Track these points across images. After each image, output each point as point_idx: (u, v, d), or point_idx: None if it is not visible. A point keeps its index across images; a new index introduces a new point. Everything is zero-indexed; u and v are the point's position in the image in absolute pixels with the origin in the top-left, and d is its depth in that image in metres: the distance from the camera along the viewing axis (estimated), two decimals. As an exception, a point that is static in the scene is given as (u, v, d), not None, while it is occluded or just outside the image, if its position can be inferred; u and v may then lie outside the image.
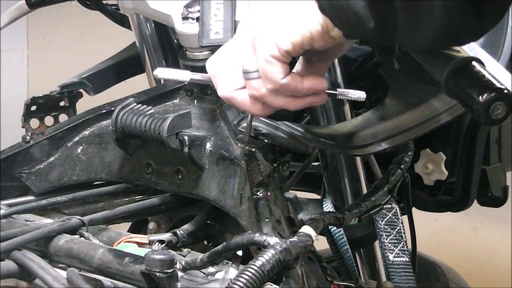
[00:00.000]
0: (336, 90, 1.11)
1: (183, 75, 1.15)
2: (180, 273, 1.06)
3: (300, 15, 1.00)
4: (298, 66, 1.07)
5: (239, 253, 1.14)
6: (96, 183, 1.36)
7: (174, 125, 1.17)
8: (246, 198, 1.18)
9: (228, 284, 1.00)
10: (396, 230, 1.33)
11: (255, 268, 1.00)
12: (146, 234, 1.24)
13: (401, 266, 1.33)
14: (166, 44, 1.47)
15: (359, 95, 1.11)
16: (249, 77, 1.05)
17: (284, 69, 1.02)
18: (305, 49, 1.01)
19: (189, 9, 1.21)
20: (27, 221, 1.24)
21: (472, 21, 0.90)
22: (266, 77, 1.03)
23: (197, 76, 1.15)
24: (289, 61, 1.02)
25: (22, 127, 1.40)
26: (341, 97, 1.12)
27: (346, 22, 0.96)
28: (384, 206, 1.31)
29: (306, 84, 1.05)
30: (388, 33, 0.94)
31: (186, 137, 1.18)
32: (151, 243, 1.18)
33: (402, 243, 1.33)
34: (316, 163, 1.45)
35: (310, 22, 0.99)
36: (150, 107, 1.24)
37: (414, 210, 1.43)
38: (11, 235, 1.16)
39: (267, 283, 1.02)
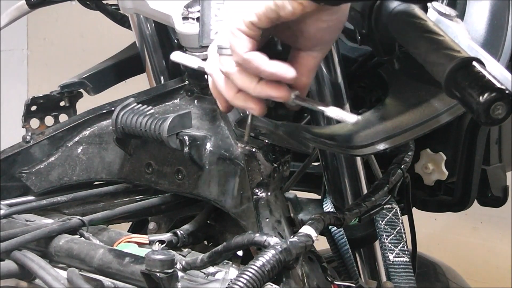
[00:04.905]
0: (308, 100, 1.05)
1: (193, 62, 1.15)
2: (180, 273, 1.06)
3: None
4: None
5: (240, 253, 1.15)
6: (96, 183, 1.36)
7: (175, 125, 1.18)
8: (246, 198, 1.18)
9: (229, 284, 1.00)
10: (396, 230, 1.33)
11: (256, 268, 1.00)
12: (146, 234, 1.24)
13: (401, 266, 1.33)
14: (166, 44, 1.47)
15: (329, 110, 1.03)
16: (222, 53, 1.04)
17: (249, 44, 1.00)
18: (273, 19, 0.98)
19: (190, 9, 1.21)
20: (27, 221, 1.24)
21: None
22: (233, 50, 1.02)
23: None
24: (257, 34, 1.00)
25: (22, 127, 1.39)
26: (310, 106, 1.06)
27: None
28: (385, 206, 1.31)
29: (270, 67, 1.01)
30: None
31: (186, 137, 1.18)
32: (151, 243, 1.18)
33: (402, 243, 1.33)
34: (316, 163, 1.45)
35: None
36: (150, 107, 1.24)
37: (414, 210, 1.43)
38: (11, 235, 1.16)
39: (267, 283, 1.02)
